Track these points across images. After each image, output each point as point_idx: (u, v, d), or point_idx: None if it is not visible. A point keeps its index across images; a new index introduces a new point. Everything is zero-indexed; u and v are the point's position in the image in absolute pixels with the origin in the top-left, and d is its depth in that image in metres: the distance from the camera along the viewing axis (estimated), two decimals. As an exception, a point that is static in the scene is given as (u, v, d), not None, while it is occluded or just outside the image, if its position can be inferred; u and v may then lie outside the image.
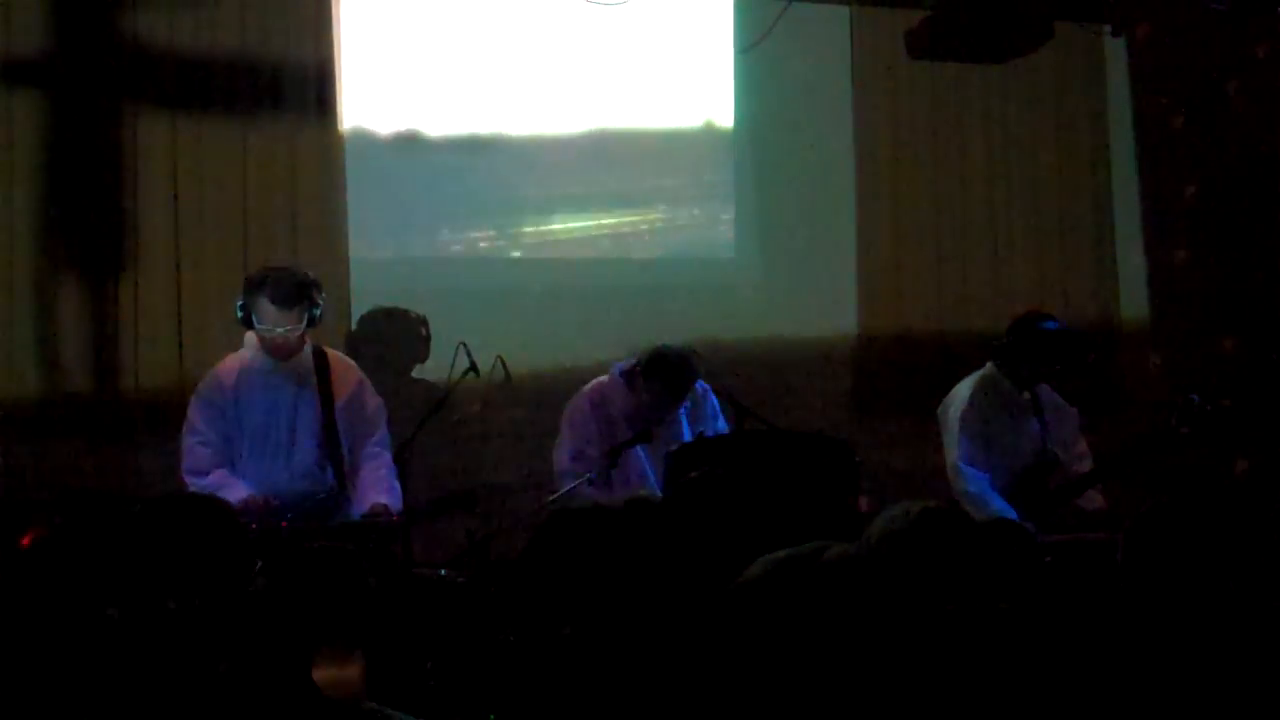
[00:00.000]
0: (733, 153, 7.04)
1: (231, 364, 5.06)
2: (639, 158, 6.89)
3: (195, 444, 4.99)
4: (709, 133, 7.02)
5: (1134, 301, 7.54)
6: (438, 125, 6.64)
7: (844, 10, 7.15)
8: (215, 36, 6.17)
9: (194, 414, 5.01)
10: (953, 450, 5.60)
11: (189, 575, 2.66)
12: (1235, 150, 6.97)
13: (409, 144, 6.62)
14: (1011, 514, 5.34)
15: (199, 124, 6.15)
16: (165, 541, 2.75)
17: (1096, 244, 7.48)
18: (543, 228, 6.79)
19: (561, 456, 5.49)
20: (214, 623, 2.55)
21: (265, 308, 4.87)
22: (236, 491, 4.77)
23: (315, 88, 6.31)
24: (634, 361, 5.50)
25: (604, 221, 6.87)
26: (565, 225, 6.82)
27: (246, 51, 6.20)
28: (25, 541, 4.42)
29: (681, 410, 5.45)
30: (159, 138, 6.10)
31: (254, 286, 4.92)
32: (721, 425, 5.61)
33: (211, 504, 3.13)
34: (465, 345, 5.92)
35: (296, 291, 4.89)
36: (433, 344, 6.47)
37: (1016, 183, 7.34)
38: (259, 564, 3.00)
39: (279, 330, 4.89)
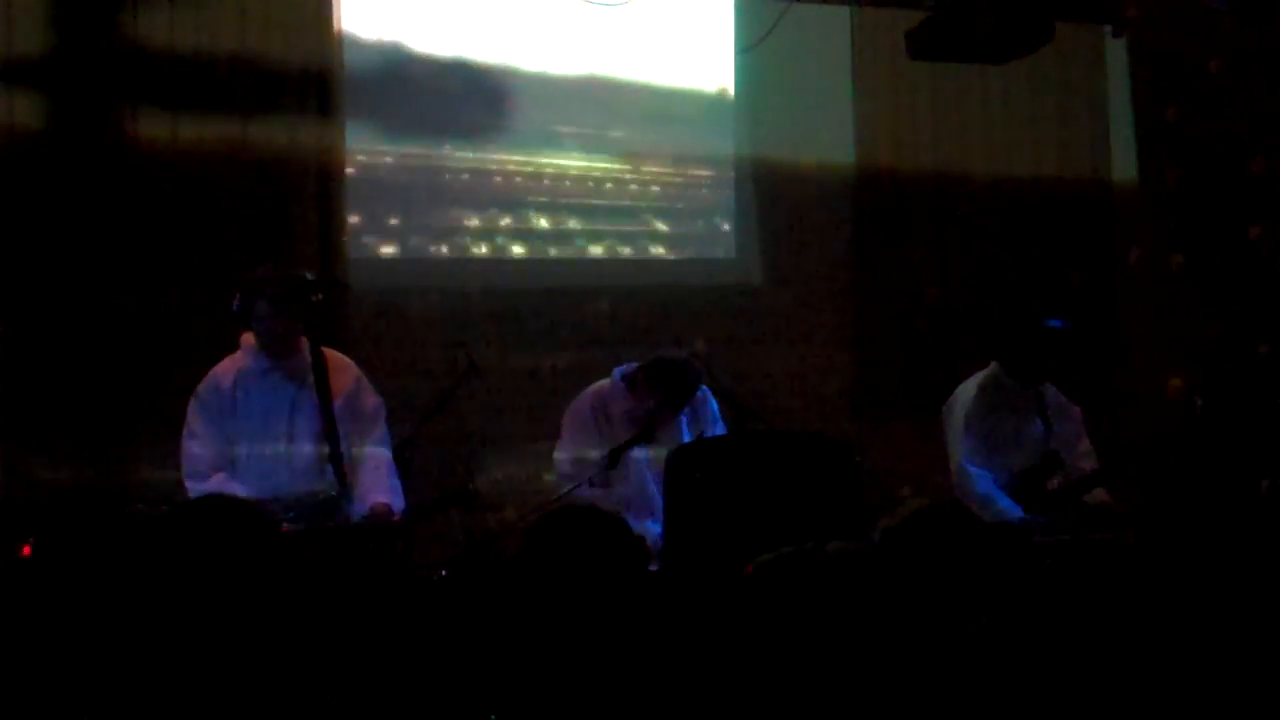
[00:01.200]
0: (733, 153, 7.03)
1: (229, 365, 5.06)
2: (639, 157, 6.89)
3: (194, 447, 4.98)
4: (709, 133, 7.01)
5: (1134, 299, 7.55)
6: (438, 124, 6.64)
7: (844, 10, 7.14)
8: (215, 36, 6.17)
9: (192, 416, 5.01)
10: (957, 450, 5.61)
11: (223, 580, 2.61)
12: (1237, 151, 6.97)
13: (409, 143, 6.62)
14: (1019, 512, 5.36)
15: (199, 124, 6.15)
16: (198, 545, 2.67)
17: (1096, 243, 7.47)
18: (543, 228, 6.78)
19: (561, 459, 5.50)
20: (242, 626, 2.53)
21: (262, 308, 4.87)
22: (235, 494, 4.76)
23: (315, 88, 6.31)
24: (635, 366, 5.51)
25: (603, 221, 6.86)
26: (565, 225, 6.81)
27: (246, 51, 6.20)
28: (26, 551, 4.42)
29: (681, 414, 5.45)
30: (159, 138, 6.10)
31: (251, 287, 4.92)
32: (720, 429, 5.61)
33: (243, 506, 3.05)
34: (465, 346, 5.93)
35: (292, 292, 4.90)
36: (432, 344, 6.47)
37: (1016, 182, 7.34)
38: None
39: (276, 330, 4.89)
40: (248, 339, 5.01)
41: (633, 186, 6.88)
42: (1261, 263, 6.88)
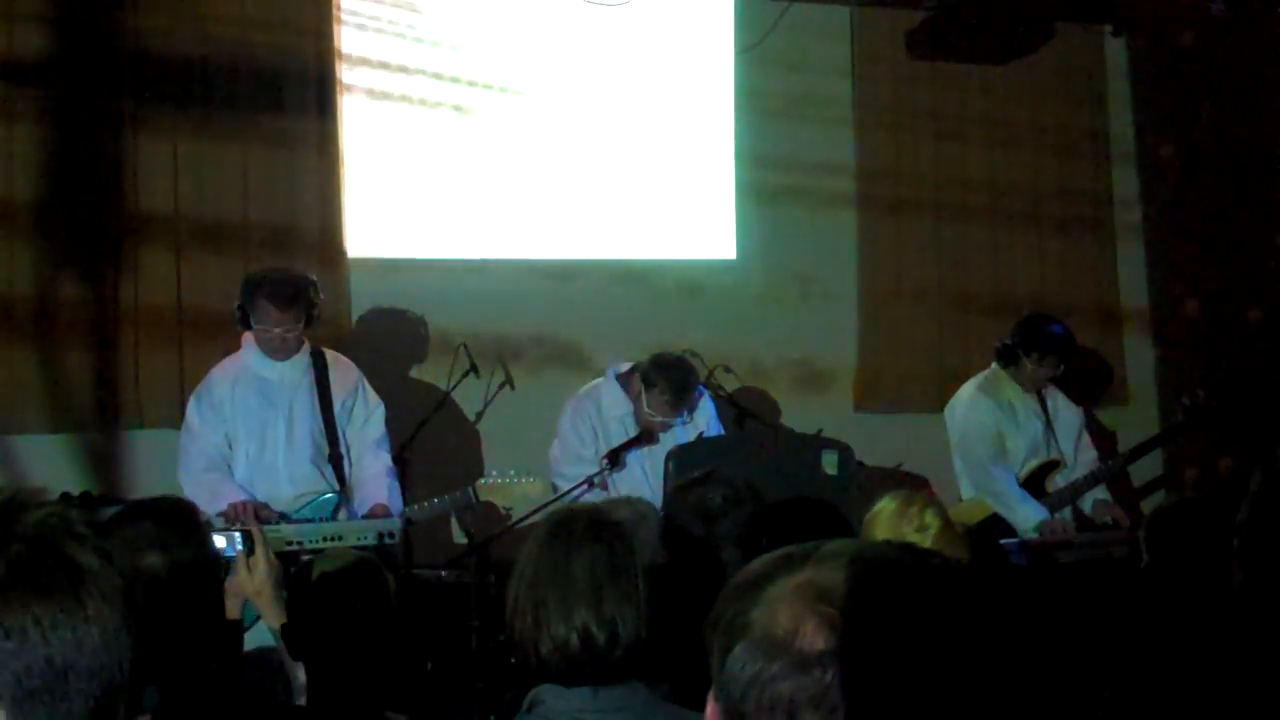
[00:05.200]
0: (732, 153, 7.03)
1: (230, 365, 5.06)
2: (639, 158, 6.88)
3: (192, 446, 4.99)
4: (709, 133, 7.01)
5: (1135, 300, 7.55)
6: (437, 125, 6.64)
7: (844, 10, 7.15)
8: (215, 36, 6.17)
9: (192, 415, 5.02)
10: (968, 451, 5.63)
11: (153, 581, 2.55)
12: (1236, 151, 6.97)
13: (408, 144, 6.61)
14: (1044, 513, 5.39)
15: (199, 124, 6.14)
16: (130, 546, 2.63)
17: (1097, 243, 7.47)
18: (542, 229, 6.77)
19: (557, 458, 5.50)
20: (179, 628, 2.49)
21: (263, 308, 4.87)
22: (228, 494, 4.77)
23: (315, 88, 6.31)
24: (630, 366, 5.51)
25: (603, 222, 6.86)
26: (564, 226, 6.80)
27: (246, 52, 6.20)
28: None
29: (680, 414, 5.45)
30: (159, 138, 6.09)
31: (252, 287, 4.92)
32: (717, 428, 5.61)
33: (180, 506, 3.00)
34: (465, 346, 5.92)
35: (294, 292, 4.89)
36: (432, 344, 6.47)
37: (1016, 183, 7.34)
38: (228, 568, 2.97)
39: (277, 331, 4.89)
40: (248, 339, 5.01)
41: (633, 186, 6.88)
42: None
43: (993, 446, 5.58)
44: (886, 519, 3.25)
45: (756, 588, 1.30)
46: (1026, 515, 5.36)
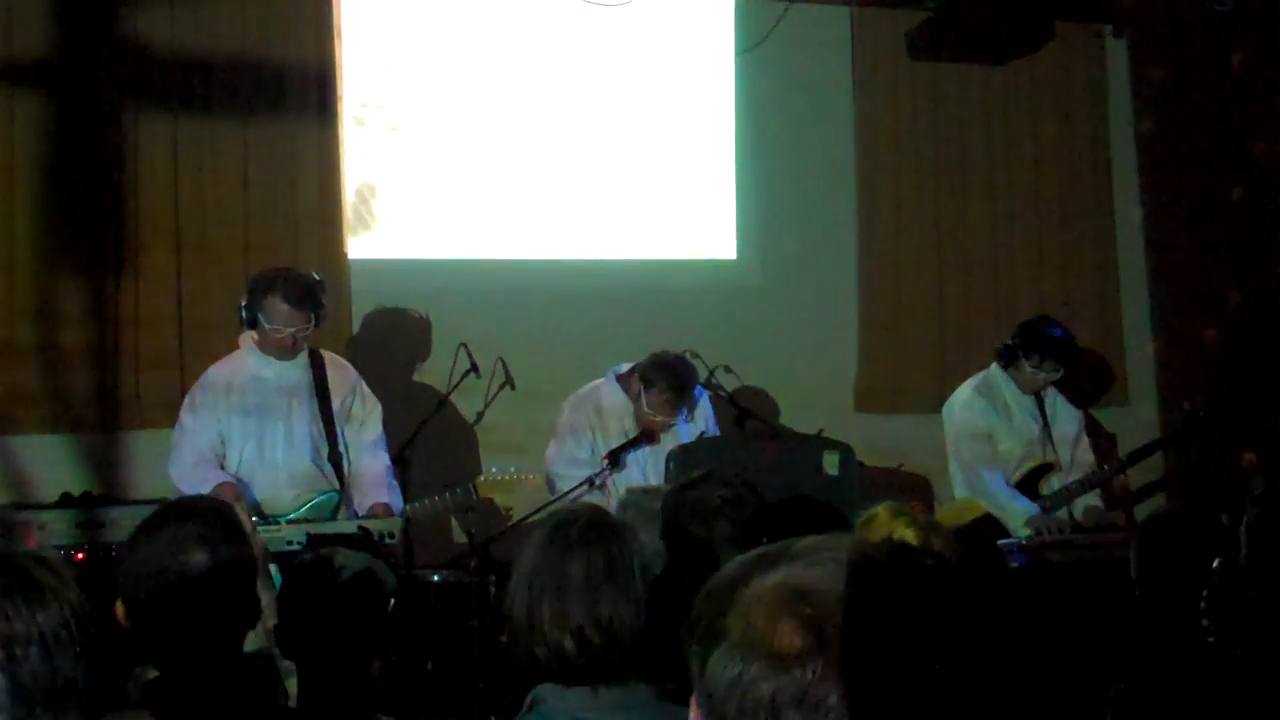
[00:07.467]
0: (733, 153, 7.04)
1: (226, 365, 5.07)
2: (639, 158, 6.89)
3: (183, 441, 5.00)
4: (709, 133, 7.01)
5: (1135, 300, 7.54)
6: (437, 125, 6.64)
7: (844, 10, 7.15)
8: (215, 36, 6.17)
9: (185, 412, 5.03)
10: (960, 451, 5.64)
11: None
12: (1236, 150, 6.97)
13: (408, 144, 6.62)
14: (1034, 510, 5.40)
15: (199, 124, 6.14)
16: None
17: (1096, 244, 7.47)
18: (542, 229, 6.78)
19: (553, 459, 5.50)
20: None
21: (277, 307, 4.87)
22: (214, 481, 4.79)
23: (315, 88, 6.31)
24: (630, 366, 5.51)
25: (603, 222, 6.86)
26: (564, 226, 6.81)
27: (246, 51, 6.20)
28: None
29: (680, 414, 5.45)
30: (159, 138, 6.10)
31: (264, 287, 4.93)
32: (715, 428, 5.62)
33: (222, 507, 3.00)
34: (465, 346, 5.92)
35: (307, 291, 4.92)
36: (433, 345, 6.47)
37: (1017, 183, 7.34)
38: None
39: (289, 330, 4.89)
40: (246, 339, 5.02)
41: (633, 186, 6.88)
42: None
43: (984, 449, 5.59)
44: (872, 530, 3.26)
45: (731, 590, 1.30)
46: (1017, 511, 5.36)
